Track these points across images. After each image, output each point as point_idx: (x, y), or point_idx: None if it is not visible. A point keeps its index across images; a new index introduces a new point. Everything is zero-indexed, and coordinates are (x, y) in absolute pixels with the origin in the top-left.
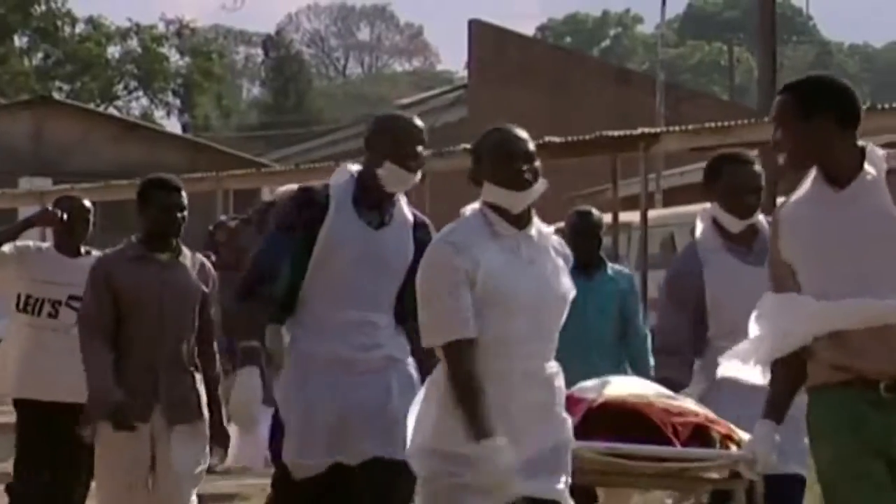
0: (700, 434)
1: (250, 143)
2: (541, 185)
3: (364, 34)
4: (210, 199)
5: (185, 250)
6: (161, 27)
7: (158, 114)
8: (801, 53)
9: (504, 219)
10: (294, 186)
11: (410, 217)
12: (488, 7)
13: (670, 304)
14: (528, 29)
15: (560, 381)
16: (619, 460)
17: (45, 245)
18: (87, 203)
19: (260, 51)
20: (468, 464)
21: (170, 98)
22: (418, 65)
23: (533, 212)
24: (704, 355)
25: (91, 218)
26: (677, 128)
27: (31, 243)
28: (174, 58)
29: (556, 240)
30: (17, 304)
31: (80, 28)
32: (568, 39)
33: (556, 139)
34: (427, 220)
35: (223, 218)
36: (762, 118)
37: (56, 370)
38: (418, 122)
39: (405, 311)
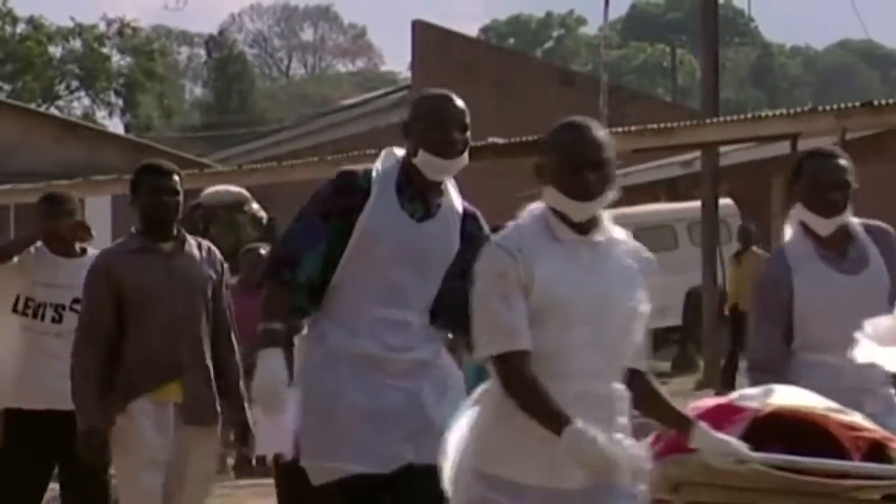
0: (878, 451)
1: (193, 144)
2: (611, 195)
3: (307, 35)
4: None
5: (190, 238)
6: (102, 27)
7: (100, 114)
8: (744, 55)
9: (566, 223)
10: (226, 188)
11: (460, 208)
12: (432, 8)
13: (763, 315)
14: (472, 30)
15: (625, 406)
16: (791, 475)
17: (39, 245)
18: (72, 195)
19: (202, 51)
20: (515, 492)
21: (112, 98)
22: (362, 65)
23: (603, 215)
24: (790, 369)
25: (76, 211)
26: (620, 129)
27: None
28: (116, 58)
29: (630, 246)
30: (16, 306)
31: (20, 28)
32: (511, 40)
33: (500, 140)
34: (477, 212)
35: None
36: (705, 119)
37: (60, 377)
38: (456, 102)
39: (444, 311)
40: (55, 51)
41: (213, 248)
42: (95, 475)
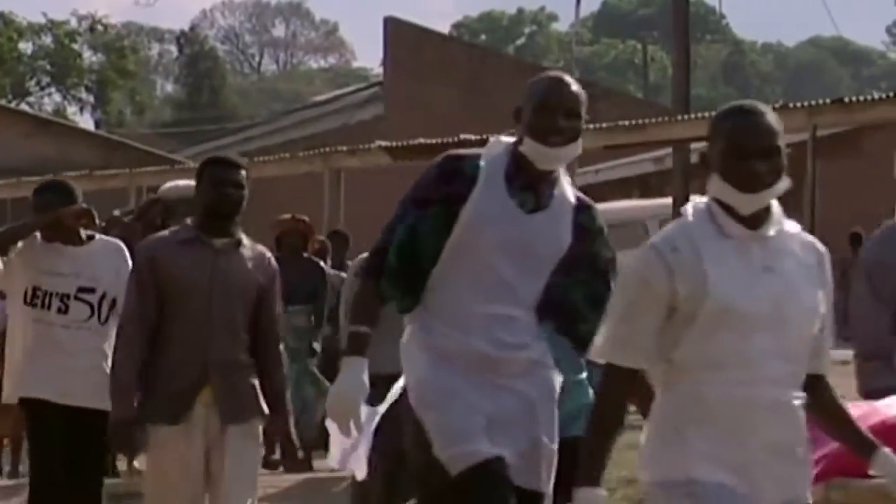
0: None
1: (164, 140)
2: (783, 185)
3: (279, 31)
4: (123, 196)
5: (246, 240)
6: (74, 23)
7: (71, 110)
8: (715, 52)
9: (734, 217)
10: (187, 182)
11: (573, 199)
12: (404, 4)
13: (873, 299)
14: (444, 27)
15: (803, 415)
16: None
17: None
18: (72, 183)
19: (174, 47)
20: (702, 488)
21: (83, 94)
22: (334, 62)
23: (774, 206)
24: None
25: (78, 198)
26: (592, 126)
27: (34, 235)
28: (87, 54)
29: (804, 239)
30: (25, 298)
31: None
32: (483, 37)
33: (472, 136)
34: (592, 203)
35: (116, 213)
36: (676, 116)
37: (69, 371)
38: (567, 86)
39: (547, 308)
40: (26, 47)
41: (269, 254)
42: (96, 474)
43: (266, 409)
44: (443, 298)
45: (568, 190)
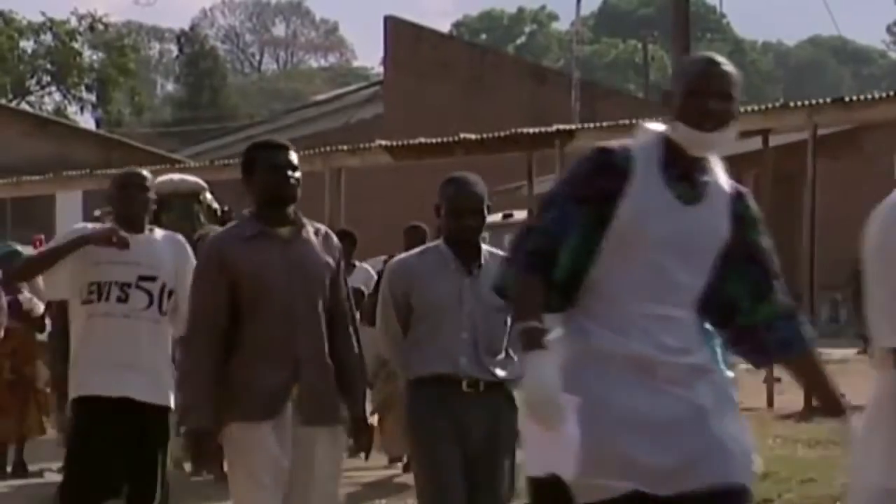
0: None
1: (164, 140)
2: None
3: (279, 30)
4: None
5: (307, 222)
6: (74, 22)
7: (72, 109)
8: (715, 51)
9: None
10: (182, 177)
11: (728, 187)
12: (404, 3)
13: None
14: (444, 26)
15: None
16: None
17: (102, 226)
18: (146, 173)
19: (174, 47)
20: None
21: (83, 94)
22: (334, 61)
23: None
24: None
25: (150, 190)
26: (592, 125)
27: (84, 225)
28: (88, 53)
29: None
30: (83, 297)
31: None
32: (483, 36)
33: (472, 136)
34: (746, 190)
35: (97, 213)
36: None
37: (127, 363)
38: (720, 66)
39: (710, 303)
40: (27, 45)
41: (331, 232)
42: (156, 470)
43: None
44: (598, 298)
45: (722, 178)
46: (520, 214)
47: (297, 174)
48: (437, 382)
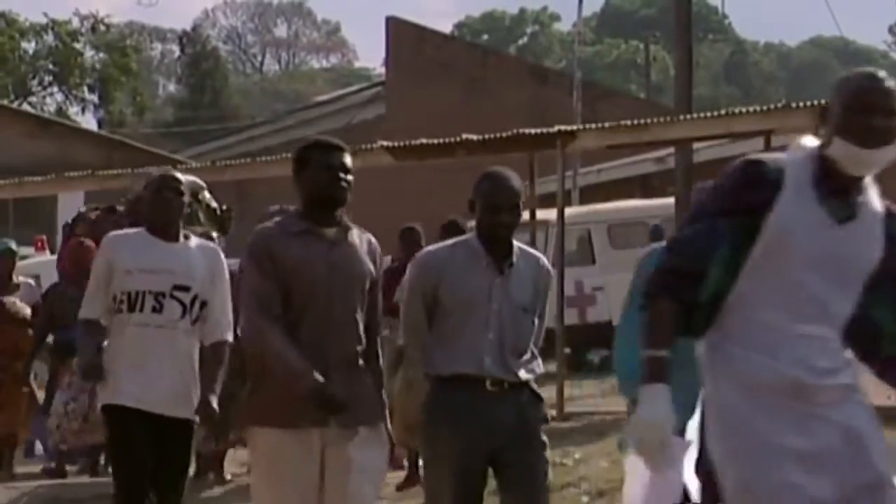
0: None
1: (166, 140)
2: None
3: (281, 30)
4: (125, 196)
5: (353, 226)
6: (75, 22)
7: (74, 110)
8: (717, 52)
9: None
10: (167, 171)
11: (880, 207)
12: (405, 4)
13: None
14: (446, 26)
15: None
16: None
17: (135, 230)
18: (179, 176)
19: (176, 47)
20: None
21: (85, 94)
22: (336, 62)
23: None
24: None
25: (185, 194)
26: (594, 125)
27: (115, 234)
28: (90, 53)
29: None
30: (115, 307)
31: None
32: (485, 37)
33: (473, 137)
34: None
35: (82, 209)
36: (679, 116)
37: (157, 376)
38: (883, 83)
39: (854, 328)
40: (28, 46)
41: (374, 239)
42: (179, 481)
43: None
44: (742, 318)
45: (875, 197)
46: (522, 215)
47: (350, 177)
48: (460, 382)
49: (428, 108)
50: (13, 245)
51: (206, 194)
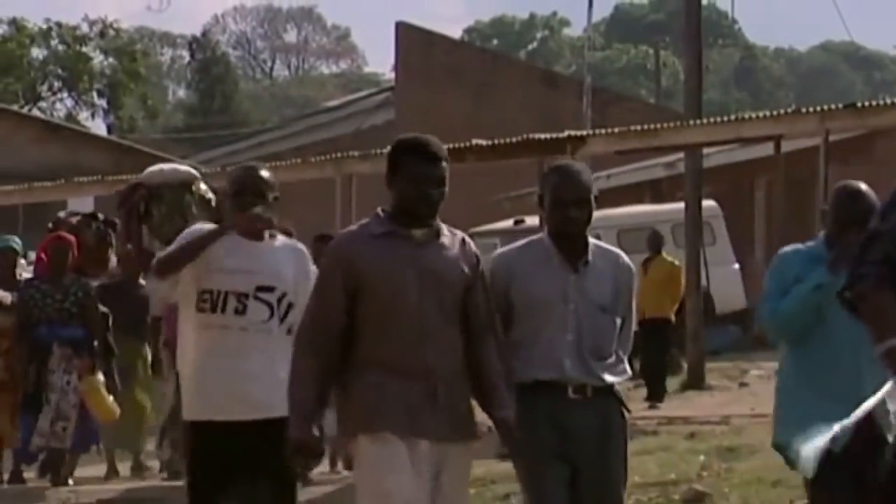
0: None
1: (176, 145)
2: None
3: (291, 36)
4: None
5: (444, 227)
6: (84, 28)
7: (83, 115)
8: (727, 57)
9: None
10: (172, 165)
11: None
12: (415, 9)
13: None
14: (455, 31)
15: None
16: None
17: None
18: (263, 172)
19: (185, 52)
20: None
21: (95, 99)
22: (345, 67)
23: None
24: None
25: (270, 191)
26: (604, 131)
27: (202, 226)
28: (99, 59)
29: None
30: (197, 304)
31: (2, 30)
32: (495, 42)
33: (483, 142)
34: None
35: (61, 214)
36: (688, 121)
37: (243, 379)
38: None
39: None
40: (38, 52)
41: (469, 239)
42: (283, 485)
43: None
44: None
45: None
46: (531, 220)
47: (444, 189)
48: (540, 389)
49: (437, 113)
50: (16, 242)
51: (202, 185)
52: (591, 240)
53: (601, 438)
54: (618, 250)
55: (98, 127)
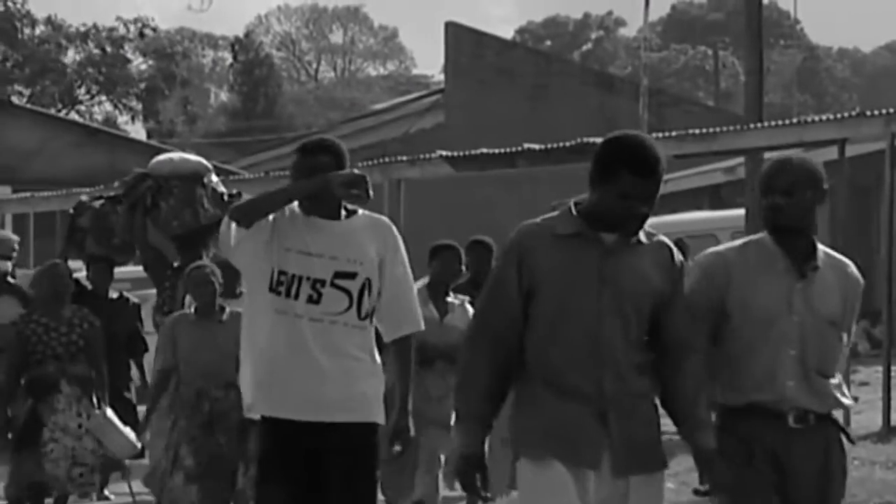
0: None
1: (218, 150)
2: None
3: (337, 37)
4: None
5: (643, 230)
6: (122, 29)
7: (122, 119)
8: (789, 58)
9: None
10: (182, 155)
11: None
12: (465, 9)
13: None
14: (507, 32)
15: None
16: None
17: (294, 207)
18: (337, 141)
19: (228, 54)
20: None
21: (134, 103)
22: (393, 68)
23: None
24: None
25: (345, 158)
26: (661, 134)
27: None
28: (137, 61)
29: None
30: (270, 284)
31: (39, 30)
32: (548, 43)
33: (536, 146)
34: None
35: (83, 198)
36: (749, 125)
37: (316, 377)
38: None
39: None
40: (75, 54)
41: (672, 245)
42: (367, 492)
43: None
44: None
45: None
46: None
47: (653, 203)
48: (754, 414)
49: (488, 116)
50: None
51: (213, 177)
52: (821, 247)
53: (821, 478)
54: (846, 259)
55: (137, 131)
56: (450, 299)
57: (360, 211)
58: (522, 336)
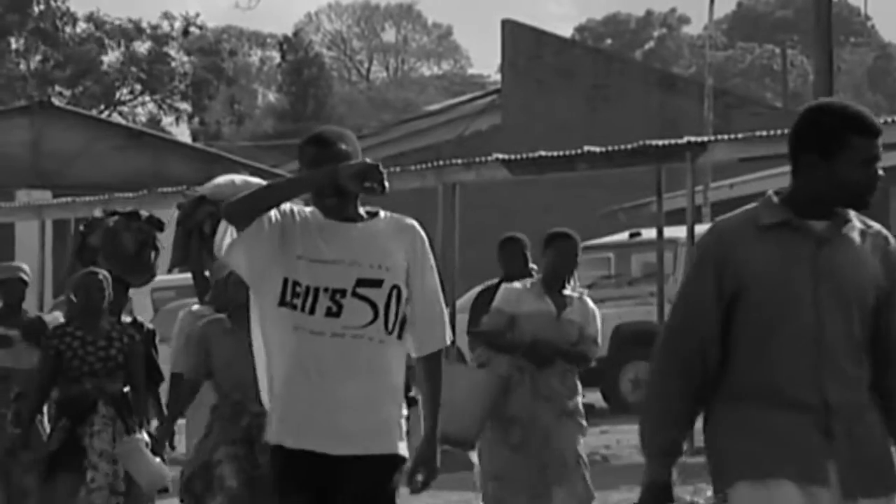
0: None
1: (266, 153)
2: None
3: (389, 35)
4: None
5: (852, 215)
6: (166, 26)
7: (167, 120)
8: (860, 56)
9: None
10: (244, 178)
11: None
12: (522, 7)
13: None
14: (566, 30)
15: None
16: None
17: (309, 209)
18: (346, 132)
19: (276, 53)
20: None
21: (178, 102)
22: (448, 68)
23: None
24: None
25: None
26: (726, 136)
27: (292, 207)
28: (182, 59)
29: None
30: (283, 297)
31: (80, 28)
32: (608, 41)
33: (596, 149)
34: None
35: (97, 213)
36: None
37: (336, 404)
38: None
39: None
40: (117, 53)
41: (890, 236)
42: None
43: None
44: None
45: None
46: (648, 233)
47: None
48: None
49: (547, 117)
50: (25, 272)
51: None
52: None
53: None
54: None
55: (182, 133)
56: (567, 292)
57: (383, 212)
58: (718, 356)
